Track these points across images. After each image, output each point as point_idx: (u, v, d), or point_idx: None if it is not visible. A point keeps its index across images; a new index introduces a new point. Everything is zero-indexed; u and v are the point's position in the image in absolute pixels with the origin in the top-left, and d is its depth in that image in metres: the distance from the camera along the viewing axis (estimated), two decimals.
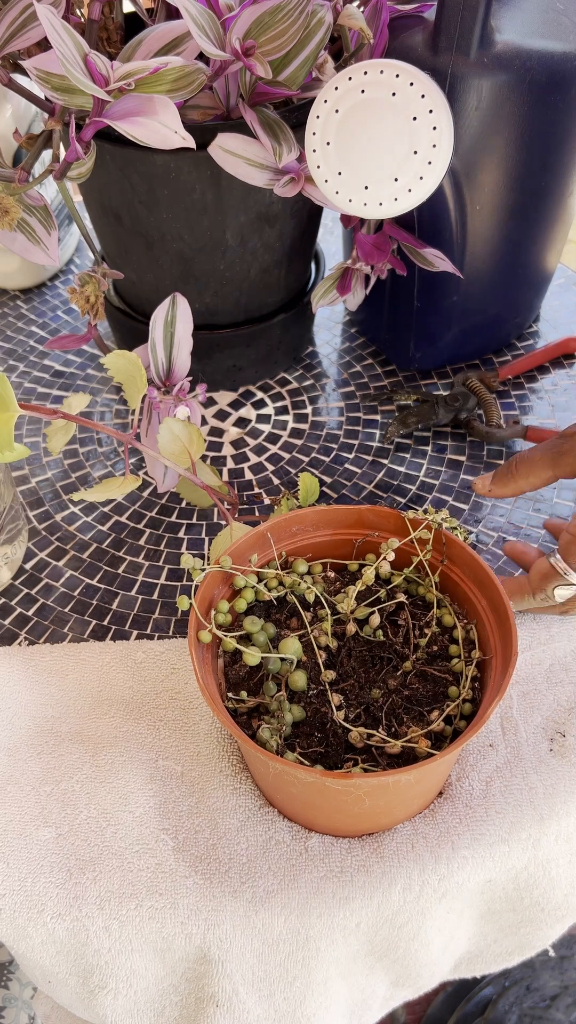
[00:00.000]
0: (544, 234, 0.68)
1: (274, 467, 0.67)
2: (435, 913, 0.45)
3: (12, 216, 0.53)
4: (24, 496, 0.65)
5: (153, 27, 0.51)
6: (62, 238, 0.85)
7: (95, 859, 0.45)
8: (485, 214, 0.62)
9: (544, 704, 0.51)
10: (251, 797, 0.47)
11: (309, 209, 0.65)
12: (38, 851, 0.45)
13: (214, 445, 0.69)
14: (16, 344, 0.78)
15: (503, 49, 0.55)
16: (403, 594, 0.49)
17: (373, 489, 0.65)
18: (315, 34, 0.53)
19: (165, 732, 0.50)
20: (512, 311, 0.73)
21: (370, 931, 0.45)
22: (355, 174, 0.53)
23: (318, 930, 0.44)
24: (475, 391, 0.69)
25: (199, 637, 0.44)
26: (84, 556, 0.60)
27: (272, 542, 0.50)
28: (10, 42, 0.50)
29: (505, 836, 0.45)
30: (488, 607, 0.46)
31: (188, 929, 0.43)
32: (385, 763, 0.43)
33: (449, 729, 0.44)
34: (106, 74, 0.46)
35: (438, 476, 0.65)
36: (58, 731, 0.50)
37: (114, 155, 0.57)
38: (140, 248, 0.63)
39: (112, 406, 0.72)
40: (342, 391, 0.73)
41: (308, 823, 0.46)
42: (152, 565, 0.60)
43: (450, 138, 0.50)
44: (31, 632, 0.56)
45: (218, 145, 0.54)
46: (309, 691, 0.45)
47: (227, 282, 0.65)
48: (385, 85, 0.50)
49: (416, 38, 0.57)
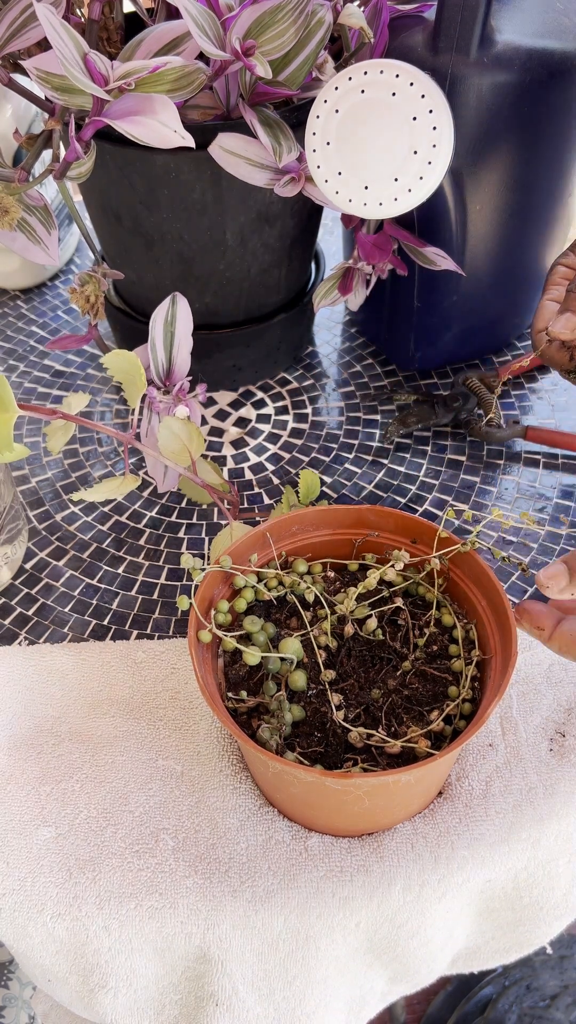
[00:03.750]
0: (544, 234, 0.68)
1: (274, 467, 0.67)
2: (434, 912, 0.45)
3: (12, 216, 0.53)
4: (24, 496, 0.65)
5: (153, 27, 0.51)
6: (62, 238, 0.85)
7: (95, 859, 0.45)
8: (485, 214, 0.62)
9: (544, 704, 0.51)
10: (251, 797, 0.47)
11: (309, 209, 0.65)
12: (38, 851, 0.45)
13: (214, 445, 0.69)
14: (16, 344, 0.78)
15: (503, 49, 0.55)
16: (403, 594, 0.49)
17: (373, 489, 0.65)
18: (315, 34, 0.53)
19: (165, 732, 0.50)
20: (512, 311, 0.73)
21: (369, 930, 0.45)
22: (355, 174, 0.53)
23: (318, 929, 0.44)
24: (475, 391, 0.69)
25: (199, 637, 0.44)
26: (84, 556, 0.60)
27: (272, 542, 0.50)
28: (10, 42, 0.50)
29: (505, 836, 0.45)
30: (488, 607, 0.46)
31: (188, 928, 0.43)
32: (385, 763, 0.43)
33: (449, 729, 0.44)
34: (106, 74, 0.46)
35: (438, 476, 0.66)
36: (58, 731, 0.50)
37: (114, 155, 0.57)
38: (140, 248, 0.63)
39: (112, 406, 0.72)
40: (342, 391, 0.73)
41: (308, 823, 0.46)
42: (152, 565, 0.60)
43: (450, 138, 0.50)
44: (31, 632, 0.56)
45: (218, 145, 0.54)
46: (309, 691, 0.45)
47: (227, 282, 0.65)
48: (385, 85, 0.50)
49: (416, 38, 0.57)
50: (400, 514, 0.49)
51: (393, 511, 0.49)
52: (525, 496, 0.64)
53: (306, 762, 0.43)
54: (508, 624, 0.44)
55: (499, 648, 0.44)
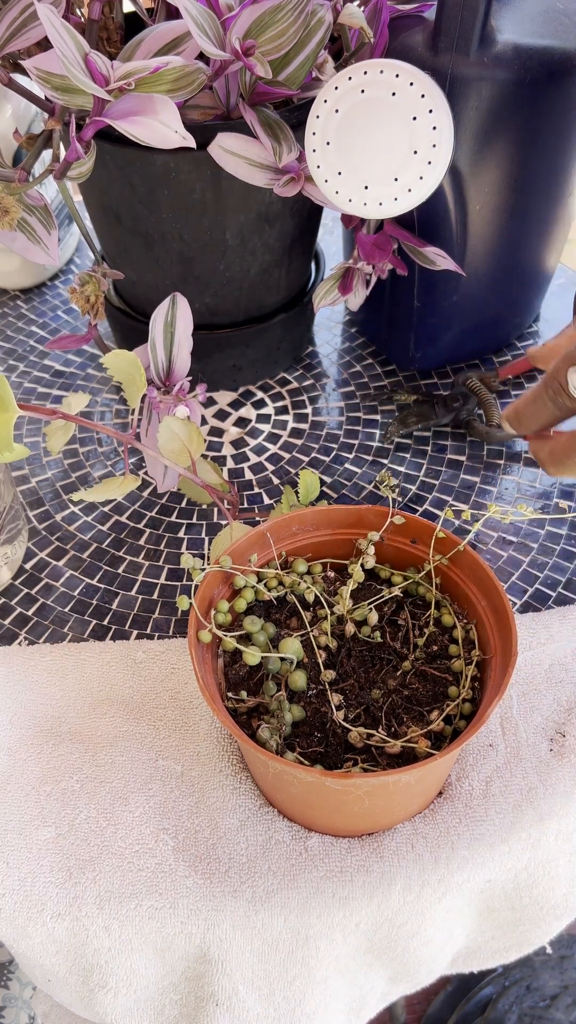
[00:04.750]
0: (544, 234, 0.68)
1: (274, 467, 0.67)
2: (434, 912, 0.45)
3: (12, 216, 0.53)
4: (24, 496, 0.65)
5: (153, 27, 0.51)
6: (62, 238, 0.85)
7: (95, 859, 0.45)
8: (485, 214, 0.62)
9: (544, 704, 0.51)
10: (251, 797, 0.47)
11: (309, 209, 0.65)
12: (38, 851, 0.45)
13: (214, 445, 0.69)
14: (16, 344, 0.78)
15: (503, 49, 0.55)
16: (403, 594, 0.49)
17: (373, 489, 0.65)
18: (315, 34, 0.53)
19: (165, 732, 0.50)
20: (512, 311, 0.74)
21: (369, 930, 0.45)
22: (355, 174, 0.53)
23: (318, 930, 0.44)
24: (475, 391, 0.69)
25: (199, 637, 0.44)
26: (84, 556, 0.60)
27: (272, 542, 0.50)
28: (10, 42, 0.50)
29: (505, 836, 0.45)
30: (488, 607, 0.46)
31: (188, 929, 0.43)
32: (385, 763, 0.43)
33: (449, 729, 0.44)
34: (106, 74, 0.46)
35: (438, 476, 0.66)
36: (58, 731, 0.50)
37: (114, 155, 0.57)
38: (140, 248, 0.63)
39: (112, 406, 0.72)
40: (342, 391, 0.73)
41: (308, 823, 0.46)
42: (152, 565, 0.60)
43: (450, 138, 0.50)
44: (31, 632, 0.56)
45: (218, 145, 0.54)
46: (309, 691, 0.45)
47: (227, 282, 0.65)
48: (385, 85, 0.50)
49: (416, 38, 0.57)
50: (400, 514, 0.49)
51: (392, 511, 0.49)
52: (525, 496, 0.64)
53: (306, 762, 0.43)
54: (508, 624, 0.44)
55: (499, 648, 0.44)
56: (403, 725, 0.44)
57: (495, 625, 0.45)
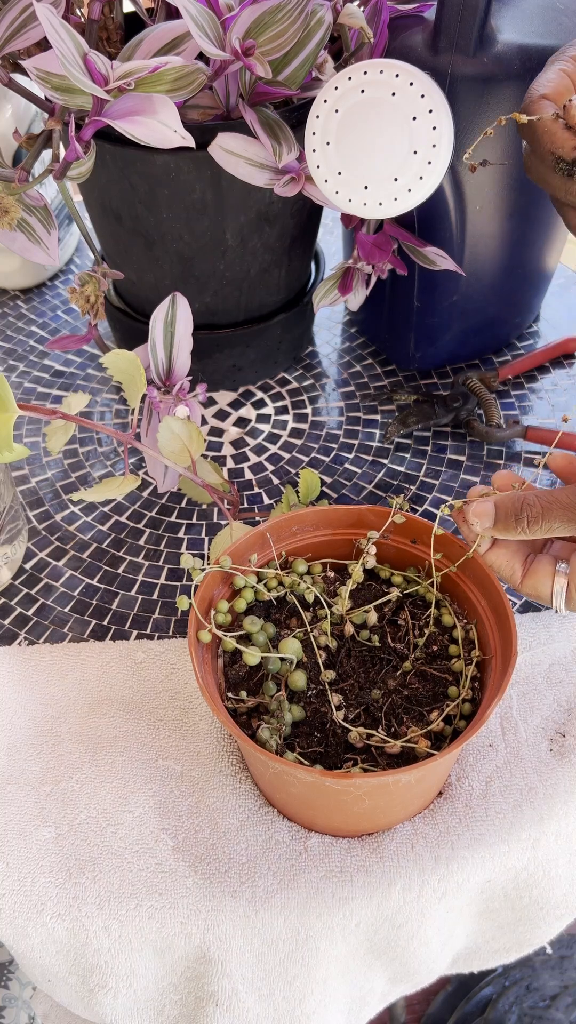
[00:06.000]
0: (544, 234, 0.68)
1: (274, 467, 0.67)
2: (434, 912, 0.45)
3: (12, 216, 0.53)
4: (24, 496, 0.65)
5: (153, 27, 0.51)
6: (62, 238, 0.85)
7: (95, 859, 0.45)
8: (485, 214, 0.62)
9: (544, 704, 0.51)
10: (251, 797, 0.47)
11: (309, 209, 0.65)
12: (38, 851, 0.45)
13: (214, 445, 0.69)
14: (16, 344, 0.78)
15: (503, 49, 0.55)
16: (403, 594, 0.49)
17: (373, 489, 0.65)
18: (315, 34, 0.53)
19: (165, 732, 0.50)
20: (512, 311, 0.73)
21: (369, 930, 0.45)
22: (355, 174, 0.53)
23: (318, 930, 0.44)
24: (475, 391, 0.69)
25: (199, 637, 0.44)
26: (84, 556, 0.60)
27: (272, 542, 0.50)
28: (10, 42, 0.50)
29: (505, 836, 0.45)
30: (488, 607, 0.46)
31: (188, 929, 0.43)
32: (385, 763, 0.43)
33: (449, 729, 0.44)
34: (106, 73, 0.46)
35: (438, 476, 0.65)
36: (58, 731, 0.50)
37: (114, 155, 0.57)
38: (140, 248, 0.63)
39: (112, 406, 0.72)
40: (342, 391, 0.73)
41: (308, 823, 0.46)
42: (152, 565, 0.60)
43: (450, 138, 0.50)
44: (31, 632, 0.56)
45: (218, 145, 0.54)
46: (309, 691, 0.45)
47: (227, 282, 0.65)
48: (385, 85, 0.50)
49: (416, 38, 0.57)
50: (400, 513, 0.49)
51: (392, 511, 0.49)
52: None
53: (306, 762, 0.43)
54: (508, 624, 0.44)
55: (499, 648, 0.44)
56: (403, 725, 0.44)
57: (495, 625, 0.45)
